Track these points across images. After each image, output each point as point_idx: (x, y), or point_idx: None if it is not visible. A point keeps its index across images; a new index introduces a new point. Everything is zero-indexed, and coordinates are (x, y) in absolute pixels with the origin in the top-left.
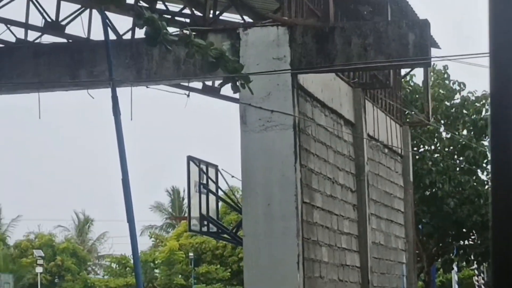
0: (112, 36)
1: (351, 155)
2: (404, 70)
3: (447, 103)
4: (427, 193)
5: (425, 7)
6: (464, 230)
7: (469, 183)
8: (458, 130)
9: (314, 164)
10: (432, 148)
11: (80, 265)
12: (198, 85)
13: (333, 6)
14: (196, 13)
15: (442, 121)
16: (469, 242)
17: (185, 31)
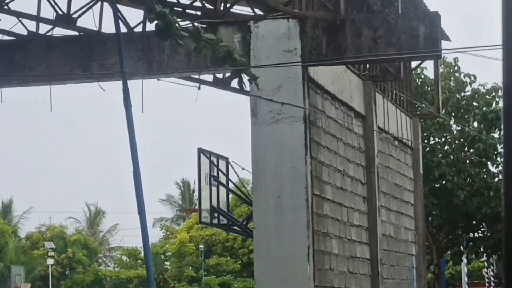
0: (124, 29)
1: (361, 148)
2: (415, 63)
3: (458, 96)
4: (437, 186)
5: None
6: (474, 223)
7: (479, 176)
8: (468, 123)
9: (324, 156)
10: (442, 141)
11: (91, 257)
12: (209, 78)
13: None
14: (207, 6)
15: (453, 114)
16: (479, 235)
17: (196, 25)
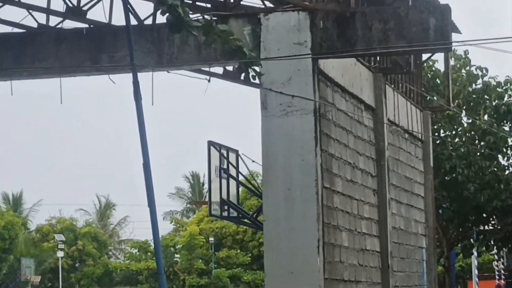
0: (134, 21)
1: (372, 140)
2: (425, 55)
3: (469, 89)
4: (447, 178)
5: None
6: (484, 215)
7: (490, 168)
8: (479, 116)
9: (335, 149)
10: (453, 133)
11: (101, 250)
12: (219, 70)
13: None
14: None
15: (464, 106)
16: (489, 227)
17: (207, 17)
